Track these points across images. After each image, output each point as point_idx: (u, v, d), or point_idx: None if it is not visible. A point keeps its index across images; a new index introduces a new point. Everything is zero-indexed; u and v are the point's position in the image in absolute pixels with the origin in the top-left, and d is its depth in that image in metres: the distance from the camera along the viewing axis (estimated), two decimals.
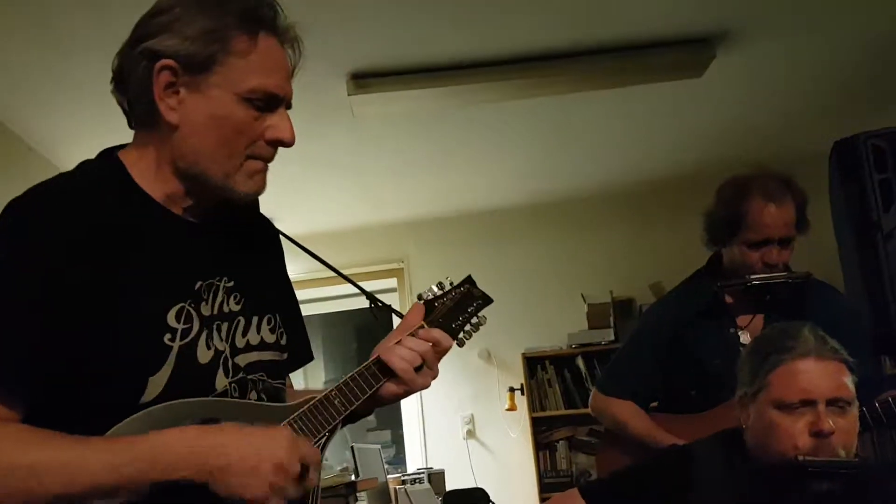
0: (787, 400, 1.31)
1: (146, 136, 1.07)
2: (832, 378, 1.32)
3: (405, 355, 1.16)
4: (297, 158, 3.64)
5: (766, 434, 1.33)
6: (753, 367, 1.40)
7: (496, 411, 4.61)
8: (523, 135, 3.80)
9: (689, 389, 1.95)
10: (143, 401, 0.98)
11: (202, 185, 1.05)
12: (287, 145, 1.08)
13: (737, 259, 1.93)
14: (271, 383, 1.13)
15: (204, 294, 1.06)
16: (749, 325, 1.93)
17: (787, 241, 1.88)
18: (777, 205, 1.86)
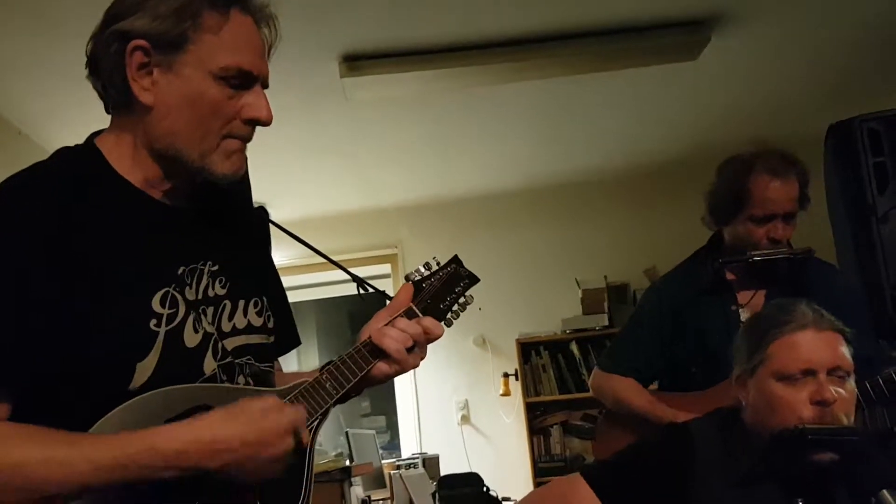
0: (788, 371, 1.32)
1: (122, 119, 1.06)
2: (831, 348, 1.34)
3: (397, 337, 1.15)
4: (288, 143, 3.61)
5: (768, 408, 1.34)
6: (751, 344, 1.40)
7: (490, 396, 4.62)
8: (518, 119, 3.78)
9: (690, 367, 1.96)
10: (131, 387, 0.97)
11: (179, 166, 1.04)
12: (264, 124, 1.06)
13: (741, 235, 1.94)
14: (259, 367, 1.12)
15: (188, 279, 1.05)
16: (750, 303, 1.94)
17: (790, 216, 1.90)
18: (782, 180, 1.88)
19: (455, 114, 3.65)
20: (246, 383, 1.09)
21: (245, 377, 1.09)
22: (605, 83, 3.42)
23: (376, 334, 1.15)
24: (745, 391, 1.40)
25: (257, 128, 1.08)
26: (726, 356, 1.61)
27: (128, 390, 0.97)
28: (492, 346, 4.67)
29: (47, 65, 2.80)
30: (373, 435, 3.99)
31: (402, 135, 3.84)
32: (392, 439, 5.07)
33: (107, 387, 0.96)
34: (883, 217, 1.96)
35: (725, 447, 1.39)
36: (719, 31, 3.03)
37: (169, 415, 0.98)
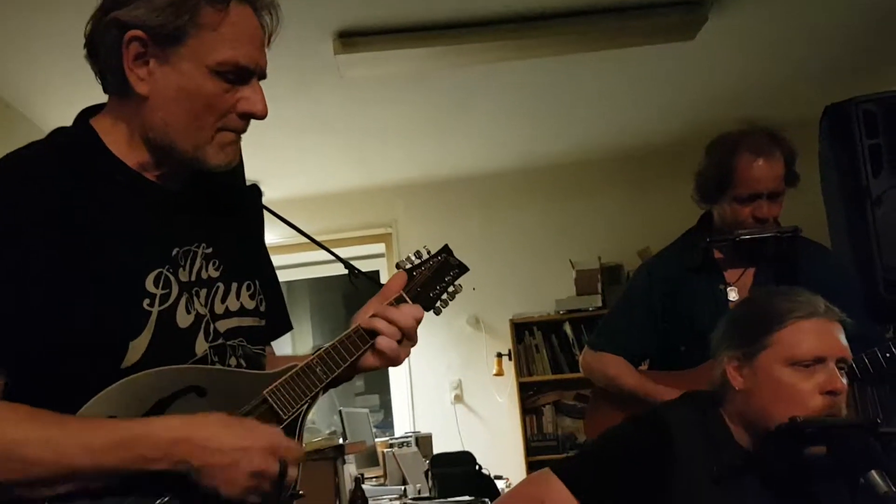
0: (801, 357, 1.29)
1: (119, 103, 1.06)
2: (840, 337, 1.33)
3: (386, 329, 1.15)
4: (282, 121, 3.59)
5: (773, 394, 1.30)
6: (750, 328, 1.36)
7: (484, 376, 4.64)
8: (514, 98, 3.76)
9: (679, 345, 1.97)
10: (123, 365, 0.97)
11: (173, 156, 1.05)
12: (259, 118, 1.06)
13: (727, 215, 1.94)
14: (251, 349, 1.12)
15: (181, 260, 1.06)
16: (738, 282, 1.95)
17: (776, 195, 1.90)
18: (766, 159, 1.88)
19: (450, 93, 3.63)
20: (238, 365, 1.09)
21: (237, 359, 1.09)
22: (602, 63, 3.40)
23: (368, 322, 1.15)
24: (740, 375, 1.35)
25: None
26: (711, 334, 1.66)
27: (120, 369, 0.97)
28: (485, 326, 4.69)
29: (40, 40, 2.77)
30: (366, 414, 4.01)
31: (396, 113, 3.81)
32: (385, 418, 5.10)
33: (99, 364, 0.96)
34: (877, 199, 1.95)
35: (704, 436, 1.36)
36: (717, 10, 3.01)
37: (161, 395, 0.98)
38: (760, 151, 1.88)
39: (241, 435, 0.97)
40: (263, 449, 0.97)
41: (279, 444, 0.99)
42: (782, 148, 1.91)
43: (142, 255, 1.02)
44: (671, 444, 1.35)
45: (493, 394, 4.65)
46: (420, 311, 1.20)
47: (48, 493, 0.91)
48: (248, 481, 0.96)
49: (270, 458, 0.98)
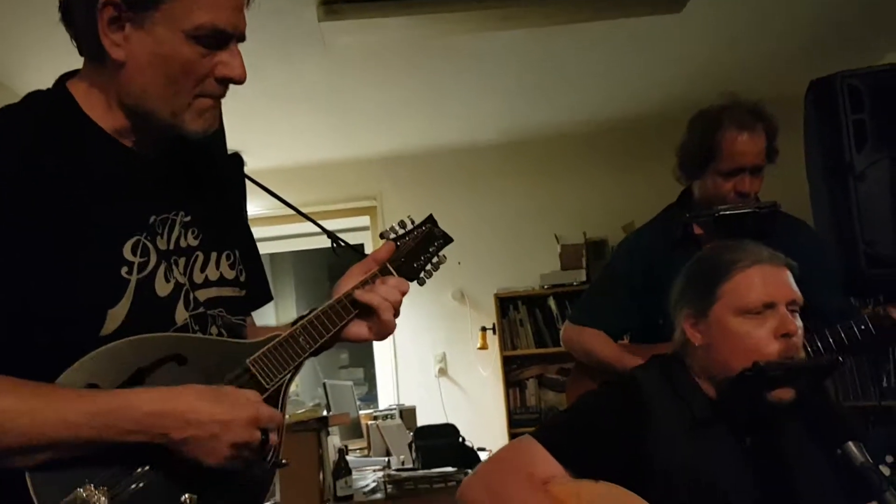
0: (749, 305, 1.31)
1: (95, 68, 1.03)
2: (788, 281, 1.34)
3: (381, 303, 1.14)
4: (265, 90, 3.54)
5: (728, 345, 1.32)
6: (701, 284, 1.38)
7: (468, 350, 4.66)
8: (501, 69, 3.73)
9: (657, 319, 1.96)
10: (102, 334, 0.96)
11: (150, 122, 1.03)
12: (237, 83, 1.04)
13: (709, 190, 1.95)
14: (231, 319, 1.11)
15: (159, 228, 1.04)
16: None
17: (758, 169, 1.91)
18: (749, 134, 1.88)
19: (437, 64, 3.59)
20: (218, 334, 1.08)
21: (218, 328, 1.09)
22: (588, 35, 3.38)
23: (362, 294, 1.14)
24: (698, 331, 1.37)
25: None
26: None
27: (99, 337, 0.96)
28: (470, 300, 4.70)
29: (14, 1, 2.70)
30: (350, 386, 4.02)
31: (382, 83, 3.77)
32: (370, 391, 5.12)
33: (77, 333, 0.95)
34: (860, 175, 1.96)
35: (673, 392, 1.38)
36: None
37: (141, 363, 0.97)
38: (744, 126, 1.89)
39: (221, 407, 0.96)
40: (245, 421, 0.97)
41: (260, 414, 0.99)
42: (765, 122, 1.92)
43: (118, 221, 1.01)
44: (644, 404, 1.37)
45: (476, 367, 4.67)
46: (406, 284, 1.20)
47: (26, 463, 0.90)
48: (230, 452, 0.96)
49: (252, 428, 0.97)
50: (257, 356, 1.06)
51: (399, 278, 1.19)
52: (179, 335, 1.03)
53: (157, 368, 0.98)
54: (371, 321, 1.16)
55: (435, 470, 2.73)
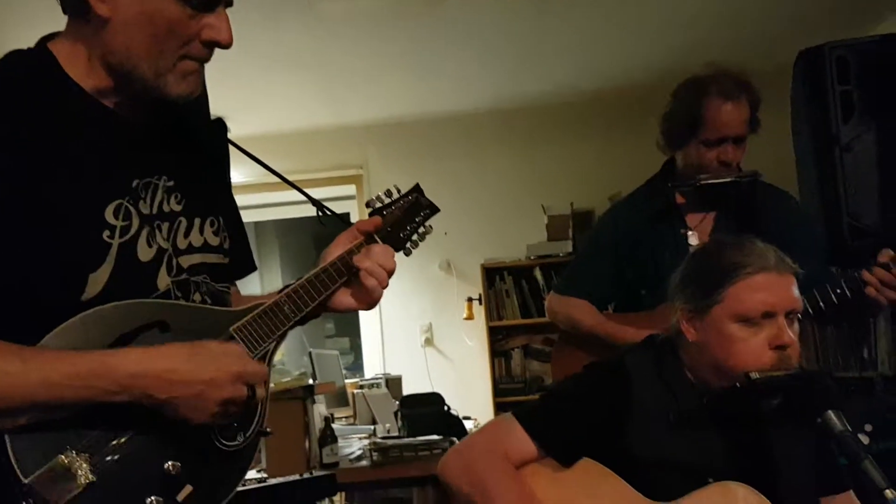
0: (749, 314, 1.30)
1: (78, 26, 1.01)
2: (790, 289, 1.33)
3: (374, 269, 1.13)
4: (250, 54, 3.48)
5: (724, 349, 1.32)
6: (704, 282, 1.37)
7: (454, 320, 4.67)
8: (489, 37, 3.69)
9: (640, 289, 2.02)
10: (84, 298, 0.95)
11: (132, 82, 1.01)
12: (224, 47, 1.03)
13: (692, 159, 1.96)
14: (215, 286, 1.11)
15: (142, 192, 1.03)
16: (699, 227, 1.99)
17: (741, 139, 1.92)
18: (734, 103, 1.89)
19: (425, 30, 3.54)
20: (202, 301, 1.07)
21: (201, 295, 1.08)
22: (577, 4, 3.34)
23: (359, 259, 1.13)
24: (693, 328, 1.37)
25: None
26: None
27: (80, 302, 0.95)
28: (456, 270, 4.70)
29: None
30: (336, 355, 4.03)
31: (368, 50, 3.72)
32: (356, 360, 5.14)
33: (59, 297, 0.94)
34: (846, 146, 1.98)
35: (662, 382, 1.38)
36: None
37: (123, 329, 0.96)
38: (729, 95, 1.90)
39: (205, 366, 0.95)
40: (230, 377, 0.96)
41: (244, 370, 0.99)
42: (748, 93, 1.93)
43: (100, 184, 0.99)
44: (630, 392, 1.37)
45: (462, 337, 4.69)
46: (392, 251, 1.19)
47: (6, 425, 0.89)
48: (217, 409, 0.96)
49: (238, 384, 0.97)
50: (241, 324, 1.05)
51: (385, 245, 1.18)
52: (163, 301, 1.02)
53: (140, 335, 0.97)
54: (358, 290, 1.15)
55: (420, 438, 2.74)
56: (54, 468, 0.89)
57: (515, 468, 1.35)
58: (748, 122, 1.92)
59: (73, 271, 0.95)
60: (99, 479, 0.91)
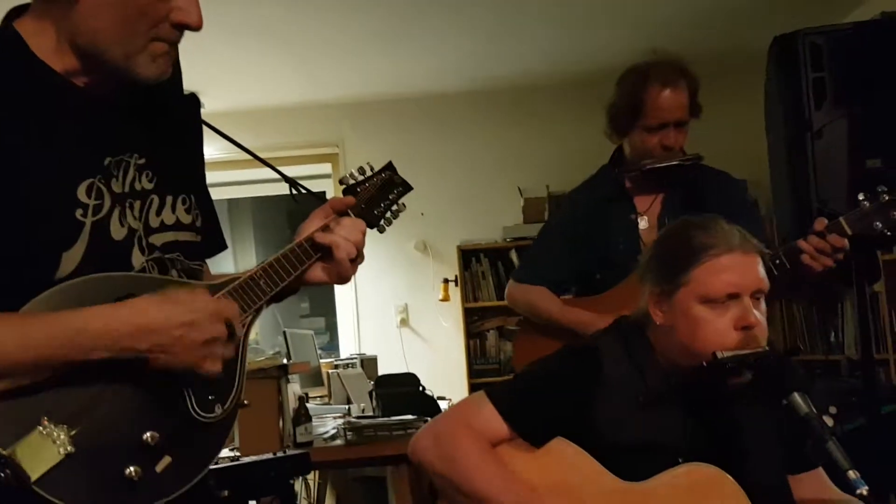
0: (714, 295, 1.31)
1: (46, 5, 1.00)
2: (756, 269, 1.34)
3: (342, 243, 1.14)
4: (222, 28, 3.42)
5: (690, 331, 1.33)
6: (670, 263, 1.37)
7: (430, 301, 4.68)
8: (465, 15, 3.67)
9: (595, 272, 2.09)
10: (58, 277, 0.95)
11: (102, 65, 1.00)
12: (194, 29, 1.02)
13: (637, 145, 2.04)
14: (189, 264, 1.10)
15: (114, 170, 1.02)
16: (648, 210, 2.07)
17: (682, 123, 2.00)
18: (672, 89, 1.97)
19: (404, 7, 3.51)
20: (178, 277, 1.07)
21: (177, 272, 1.08)
22: None
23: (322, 236, 1.14)
24: (660, 310, 1.37)
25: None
26: (626, 261, 1.89)
27: (54, 280, 0.95)
28: (433, 251, 4.70)
29: None
30: (311, 335, 4.02)
31: (346, 25, 3.68)
32: (331, 340, 5.13)
33: (33, 275, 0.94)
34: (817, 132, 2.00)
35: (631, 363, 1.39)
36: None
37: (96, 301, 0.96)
38: (668, 82, 1.97)
39: (180, 310, 0.95)
40: (207, 315, 0.96)
41: (220, 307, 0.99)
42: (687, 78, 2.00)
43: (72, 163, 0.99)
44: (600, 374, 1.38)
45: (438, 318, 4.70)
46: (362, 223, 1.20)
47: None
48: (202, 350, 0.96)
49: (216, 322, 0.97)
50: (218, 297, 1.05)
51: (355, 218, 1.20)
52: (137, 275, 1.02)
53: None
54: (332, 265, 1.17)
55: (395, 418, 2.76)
56: (32, 439, 0.89)
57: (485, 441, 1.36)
58: (688, 107, 1.99)
59: (47, 249, 0.95)
60: (77, 449, 0.91)
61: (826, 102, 2.01)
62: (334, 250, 1.14)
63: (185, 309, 0.95)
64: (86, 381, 0.93)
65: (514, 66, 4.37)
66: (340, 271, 1.16)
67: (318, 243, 1.15)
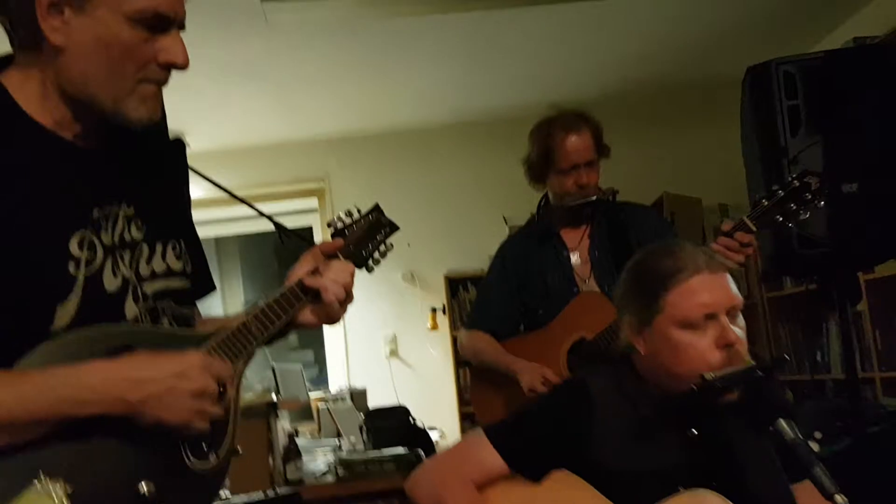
0: (690, 319, 1.32)
1: (31, 58, 1.01)
2: (727, 287, 1.35)
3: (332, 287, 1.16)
4: (206, 67, 3.45)
5: (672, 355, 1.34)
6: (642, 293, 1.38)
7: (418, 331, 4.68)
8: (447, 50, 3.72)
9: (538, 309, 2.25)
10: (53, 329, 0.96)
11: (92, 110, 1.01)
12: (180, 69, 1.04)
13: (556, 189, 2.24)
14: (180, 310, 1.11)
15: (102, 222, 1.03)
16: (578, 246, 2.25)
17: (591, 163, 2.19)
18: (576, 134, 2.18)
19: (381, 43, 3.56)
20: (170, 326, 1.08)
21: (169, 320, 1.09)
22: (534, 18, 3.39)
23: (311, 280, 1.16)
24: (642, 339, 1.38)
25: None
26: (563, 294, 2.15)
27: (50, 333, 0.95)
28: (420, 281, 4.71)
29: None
30: (300, 369, 4.00)
31: (328, 62, 3.72)
32: (320, 373, 5.10)
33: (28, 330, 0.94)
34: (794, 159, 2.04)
35: (621, 394, 1.40)
36: None
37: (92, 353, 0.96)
38: (571, 128, 2.18)
39: (170, 362, 0.96)
40: (197, 367, 0.97)
41: (210, 363, 1.00)
42: (588, 124, 2.21)
43: (61, 217, 0.99)
44: (593, 407, 1.39)
45: (427, 348, 4.70)
46: (350, 265, 1.22)
47: None
48: (192, 403, 0.96)
49: (206, 375, 0.98)
50: (209, 346, 1.06)
51: (343, 261, 1.22)
52: (130, 327, 1.02)
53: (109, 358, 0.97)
54: (321, 308, 1.18)
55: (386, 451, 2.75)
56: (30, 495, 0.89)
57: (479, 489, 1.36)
58: (594, 148, 2.19)
59: (41, 304, 0.95)
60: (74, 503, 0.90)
61: (801, 129, 2.06)
62: (323, 293, 1.16)
63: (176, 361, 0.97)
64: (81, 435, 0.93)
65: (492, 97, 4.42)
66: (330, 313, 1.18)
67: (308, 287, 1.16)
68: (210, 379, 0.98)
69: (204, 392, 0.97)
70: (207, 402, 0.98)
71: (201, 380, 0.97)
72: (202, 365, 0.98)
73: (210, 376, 0.98)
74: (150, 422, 0.95)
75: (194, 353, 1.00)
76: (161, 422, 0.95)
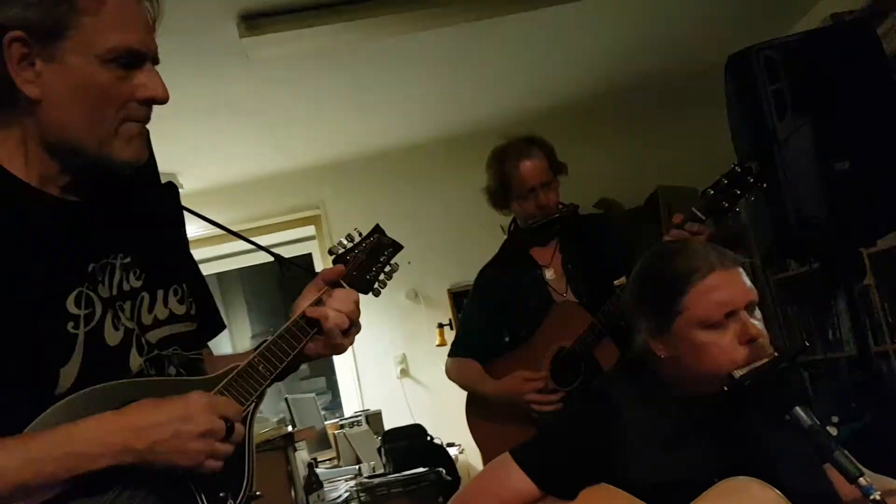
0: (711, 318, 1.30)
1: (8, 115, 0.99)
2: (742, 282, 1.34)
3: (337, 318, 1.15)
4: (193, 109, 3.47)
5: (697, 357, 1.32)
6: (658, 298, 1.36)
7: (427, 348, 4.66)
8: (430, 67, 3.74)
9: (520, 329, 2.30)
10: (58, 392, 0.94)
11: (77, 158, 1.00)
12: (160, 103, 1.02)
13: (520, 213, 2.31)
14: (187, 356, 1.10)
15: (99, 275, 1.02)
16: (551, 262, 2.31)
17: (547, 184, 2.25)
18: (529, 159, 2.26)
19: (366, 66, 3.57)
20: (177, 374, 1.07)
21: (175, 368, 1.07)
22: (513, 28, 3.41)
23: (312, 311, 1.14)
24: (661, 344, 1.36)
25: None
26: (540, 311, 2.21)
27: (54, 396, 0.94)
28: (424, 298, 4.70)
29: None
30: (313, 398, 3.99)
31: (313, 91, 3.73)
32: (334, 399, 5.09)
33: (32, 394, 0.93)
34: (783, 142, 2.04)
35: (645, 401, 1.38)
36: None
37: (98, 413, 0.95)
38: (522, 155, 2.26)
39: (173, 407, 0.96)
40: (202, 409, 0.96)
41: (214, 402, 0.99)
42: (540, 146, 2.29)
43: (56, 276, 0.98)
44: (618, 418, 1.36)
45: (437, 364, 4.65)
46: (354, 293, 1.19)
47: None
48: (200, 444, 0.95)
49: (212, 415, 0.97)
50: (217, 390, 1.05)
51: (347, 289, 1.19)
52: (135, 381, 1.01)
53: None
54: (326, 337, 1.16)
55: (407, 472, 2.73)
56: None
57: None
58: (548, 169, 2.26)
59: (43, 368, 0.94)
60: None
61: (788, 112, 2.06)
62: (323, 322, 1.14)
63: (180, 405, 0.96)
64: (95, 492, 0.92)
65: (480, 107, 4.43)
66: (332, 343, 1.16)
67: (311, 318, 1.14)
68: (216, 418, 0.97)
69: (211, 432, 0.96)
70: (215, 443, 0.97)
71: (207, 420, 0.96)
72: (206, 405, 0.97)
73: (215, 416, 0.97)
74: (161, 468, 0.94)
75: (198, 394, 0.98)
76: (172, 466, 0.94)
